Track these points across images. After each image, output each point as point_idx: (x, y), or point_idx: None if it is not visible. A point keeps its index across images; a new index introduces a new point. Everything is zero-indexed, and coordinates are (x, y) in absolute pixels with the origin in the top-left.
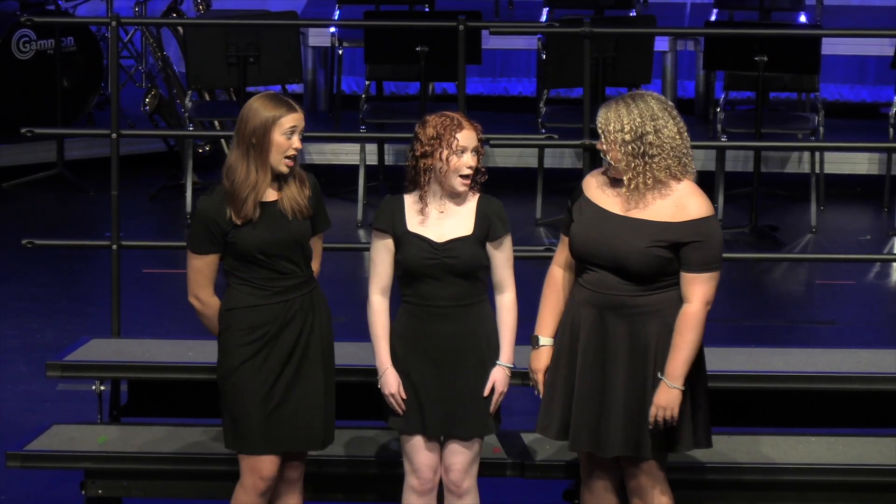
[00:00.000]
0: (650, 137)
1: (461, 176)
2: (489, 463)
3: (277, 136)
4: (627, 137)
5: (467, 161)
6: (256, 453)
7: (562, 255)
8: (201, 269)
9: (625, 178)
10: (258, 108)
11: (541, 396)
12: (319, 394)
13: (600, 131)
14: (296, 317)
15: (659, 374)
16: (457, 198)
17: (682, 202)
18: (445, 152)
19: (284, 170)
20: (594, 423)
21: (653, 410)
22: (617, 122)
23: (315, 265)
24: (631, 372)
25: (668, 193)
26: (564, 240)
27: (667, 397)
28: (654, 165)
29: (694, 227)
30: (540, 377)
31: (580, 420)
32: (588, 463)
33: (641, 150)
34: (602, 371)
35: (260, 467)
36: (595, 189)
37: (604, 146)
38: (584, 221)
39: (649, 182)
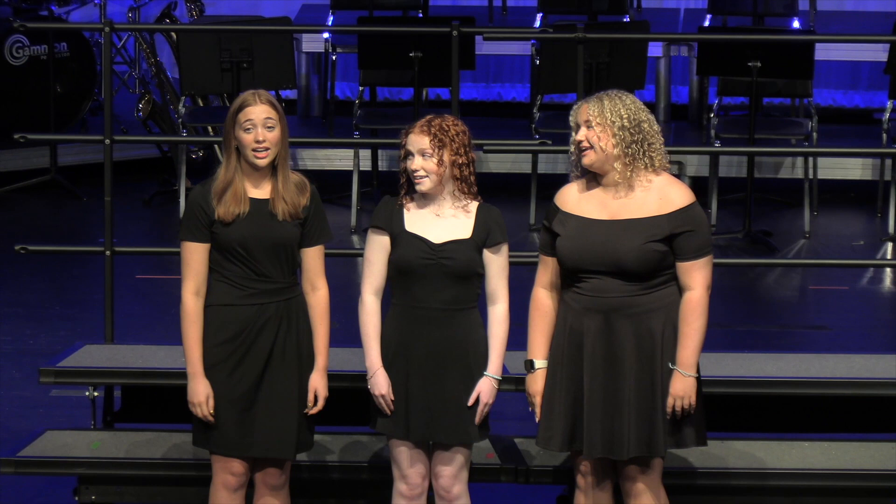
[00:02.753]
0: (646, 126)
1: (414, 177)
2: (483, 468)
3: (238, 132)
4: (626, 124)
5: (410, 163)
6: (225, 454)
7: (544, 275)
8: (186, 259)
9: (617, 165)
10: (231, 105)
11: (537, 420)
12: (293, 402)
13: (590, 120)
14: (269, 323)
15: (671, 365)
16: (423, 199)
17: (664, 194)
18: (404, 155)
19: (256, 162)
20: (607, 428)
21: (670, 401)
22: (614, 110)
23: (319, 281)
24: (640, 371)
25: (648, 188)
26: (545, 260)
27: (683, 386)
28: (651, 153)
29: (682, 217)
30: (538, 400)
31: (592, 427)
32: (591, 469)
33: (640, 137)
34: (611, 374)
35: (230, 465)
36: (572, 202)
37: (596, 135)
38: (571, 234)
39: (648, 168)
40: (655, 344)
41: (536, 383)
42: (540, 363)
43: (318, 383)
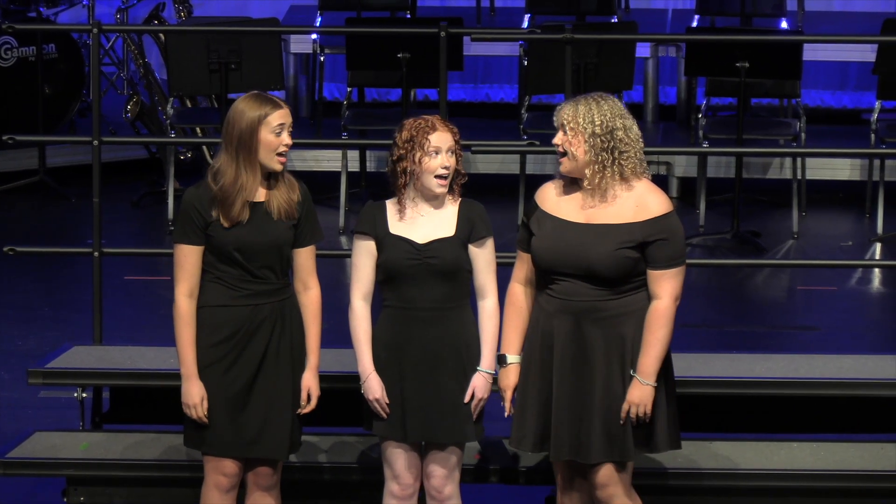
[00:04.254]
0: (620, 133)
1: (436, 177)
2: (472, 469)
3: (266, 135)
4: (598, 131)
5: (441, 161)
6: (219, 455)
7: (520, 271)
8: (179, 262)
9: (587, 171)
10: (244, 108)
11: (506, 415)
12: (287, 403)
13: (565, 125)
14: (264, 323)
15: (631, 372)
16: (434, 200)
17: (641, 201)
18: (418, 154)
19: (278, 167)
20: (575, 431)
21: (625, 407)
22: (587, 116)
23: (311, 281)
24: (608, 376)
25: (626, 195)
26: (522, 256)
27: (640, 394)
28: (622, 161)
29: (657, 225)
30: (509, 395)
31: (560, 430)
32: (567, 471)
33: (611, 146)
34: (580, 378)
35: (222, 466)
36: (551, 202)
37: (568, 140)
38: (547, 234)
39: (616, 177)
40: (626, 349)
41: (509, 378)
42: (512, 358)
43: (310, 382)
